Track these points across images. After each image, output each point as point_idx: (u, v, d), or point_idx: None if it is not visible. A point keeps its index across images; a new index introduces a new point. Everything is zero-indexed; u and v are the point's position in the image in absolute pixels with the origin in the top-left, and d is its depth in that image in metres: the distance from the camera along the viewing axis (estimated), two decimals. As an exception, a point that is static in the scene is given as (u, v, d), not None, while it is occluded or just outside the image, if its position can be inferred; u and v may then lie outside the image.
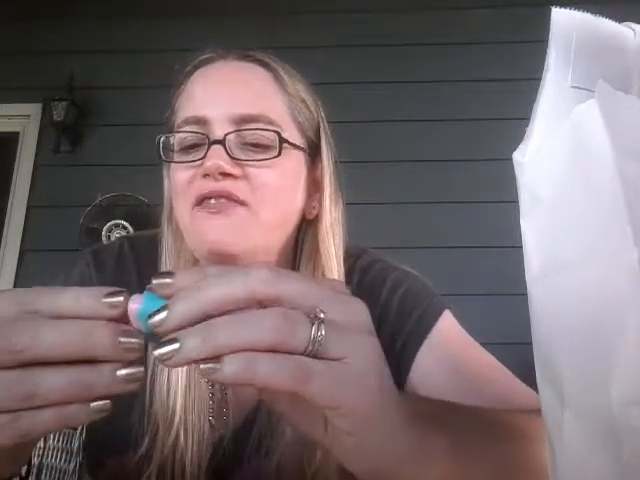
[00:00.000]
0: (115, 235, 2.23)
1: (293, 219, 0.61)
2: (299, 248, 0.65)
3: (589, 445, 0.26)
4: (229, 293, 0.29)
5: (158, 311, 0.29)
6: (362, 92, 2.33)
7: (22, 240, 2.30)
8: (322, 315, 0.29)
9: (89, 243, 2.20)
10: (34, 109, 2.41)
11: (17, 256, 2.28)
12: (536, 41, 0.55)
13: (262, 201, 0.56)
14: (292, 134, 0.60)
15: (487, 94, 2.30)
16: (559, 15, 0.30)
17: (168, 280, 0.30)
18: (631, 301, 0.25)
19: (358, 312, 0.32)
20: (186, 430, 0.57)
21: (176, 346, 0.28)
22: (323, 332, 0.29)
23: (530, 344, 0.30)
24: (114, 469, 0.61)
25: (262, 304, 0.30)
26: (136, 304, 0.29)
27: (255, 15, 2.34)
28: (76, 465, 0.98)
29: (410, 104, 2.34)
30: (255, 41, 0.62)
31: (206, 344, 0.28)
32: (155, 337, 0.29)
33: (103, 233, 2.22)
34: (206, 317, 0.29)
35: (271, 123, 0.58)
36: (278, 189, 0.57)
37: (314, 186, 0.64)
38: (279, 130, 0.57)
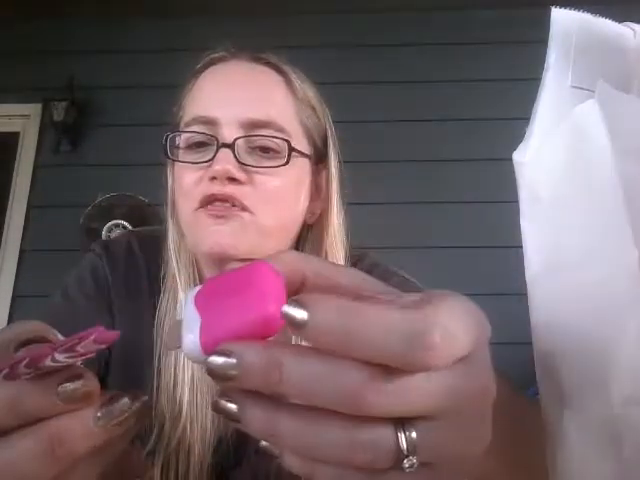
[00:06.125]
0: (115, 235, 2.23)
1: (294, 224, 0.62)
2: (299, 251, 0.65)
3: (589, 445, 0.26)
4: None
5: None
6: (362, 92, 2.33)
7: (22, 240, 2.29)
8: None
9: (89, 243, 2.20)
10: (34, 109, 2.41)
11: (17, 256, 2.28)
12: (536, 41, 0.55)
13: (264, 207, 0.56)
14: (300, 141, 0.60)
15: (487, 94, 2.30)
16: (559, 15, 0.30)
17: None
18: (631, 301, 0.25)
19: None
20: (192, 424, 0.57)
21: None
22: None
23: (530, 344, 0.30)
24: (121, 464, 0.61)
25: None
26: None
27: (256, 15, 2.34)
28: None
29: (410, 104, 2.34)
30: (256, 41, 0.62)
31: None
32: None
33: (103, 233, 2.22)
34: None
35: (281, 130, 0.57)
36: (282, 196, 0.58)
37: (316, 191, 0.64)
38: (289, 139, 0.57)
